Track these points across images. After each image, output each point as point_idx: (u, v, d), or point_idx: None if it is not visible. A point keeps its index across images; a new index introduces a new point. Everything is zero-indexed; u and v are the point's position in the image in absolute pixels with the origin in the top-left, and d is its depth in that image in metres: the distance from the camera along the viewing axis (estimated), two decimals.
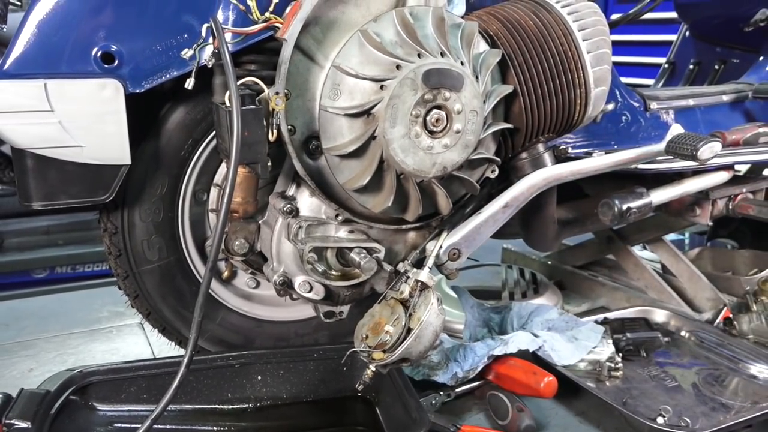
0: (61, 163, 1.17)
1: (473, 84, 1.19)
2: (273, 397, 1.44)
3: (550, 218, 1.57)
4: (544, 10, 1.36)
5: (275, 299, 1.53)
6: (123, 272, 1.42)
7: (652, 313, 1.87)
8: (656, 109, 1.74)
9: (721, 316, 1.86)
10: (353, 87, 1.15)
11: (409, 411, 1.26)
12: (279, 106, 1.13)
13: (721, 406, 1.46)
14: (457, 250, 1.34)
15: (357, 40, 1.15)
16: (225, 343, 1.55)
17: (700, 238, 2.86)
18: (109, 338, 1.99)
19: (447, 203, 1.30)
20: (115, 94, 1.16)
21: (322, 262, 1.31)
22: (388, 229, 1.36)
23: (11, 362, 1.83)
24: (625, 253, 2.16)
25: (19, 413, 1.14)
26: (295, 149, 1.20)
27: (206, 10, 1.20)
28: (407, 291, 1.21)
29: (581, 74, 1.34)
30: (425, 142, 1.18)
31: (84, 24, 1.15)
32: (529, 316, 1.76)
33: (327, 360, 1.45)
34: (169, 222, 1.41)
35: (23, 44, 1.12)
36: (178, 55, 1.19)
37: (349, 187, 1.23)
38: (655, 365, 1.64)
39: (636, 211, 1.55)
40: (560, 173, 1.41)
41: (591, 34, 1.35)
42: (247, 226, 1.36)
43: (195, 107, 1.35)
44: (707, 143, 1.37)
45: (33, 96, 1.11)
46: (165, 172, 1.37)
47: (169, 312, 1.47)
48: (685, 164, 1.58)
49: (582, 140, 1.59)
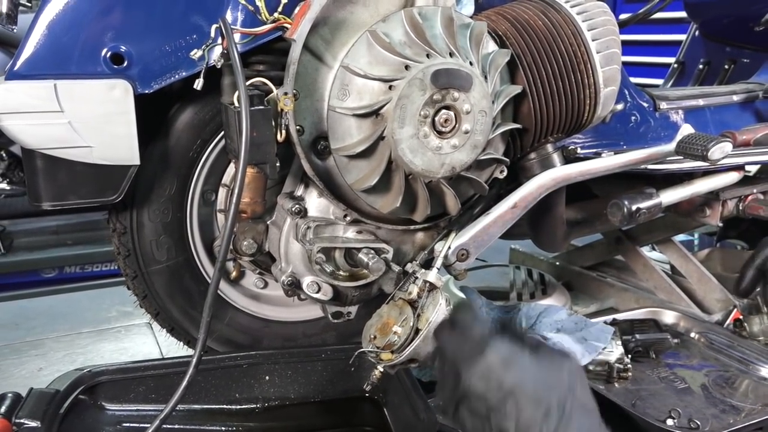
0: (70, 164, 1.17)
1: (482, 84, 1.18)
2: (281, 397, 1.44)
3: (559, 219, 1.56)
4: (553, 10, 1.36)
5: (283, 299, 1.53)
6: (132, 272, 1.43)
7: (661, 314, 1.86)
8: (666, 109, 1.73)
9: (731, 317, 1.85)
10: (362, 87, 1.15)
11: (417, 412, 1.26)
12: (288, 106, 1.13)
13: (731, 408, 1.45)
14: (466, 250, 1.33)
15: (366, 40, 1.15)
16: (233, 344, 1.55)
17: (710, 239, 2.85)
18: (117, 338, 1.99)
19: (455, 204, 1.29)
20: (125, 95, 1.16)
21: (331, 263, 1.31)
22: (396, 229, 1.36)
23: (21, 362, 1.84)
24: (634, 253, 2.15)
25: (28, 412, 1.14)
26: (304, 150, 1.20)
27: (215, 10, 1.20)
28: (415, 291, 1.21)
29: (590, 74, 1.34)
30: (434, 142, 1.18)
31: (93, 25, 1.15)
32: (538, 317, 1.75)
33: (335, 360, 1.45)
34: (177, 222, 1.42)
35: (33, 45, 1.13)
36: (187, 56, 1.19)
37: (358, 188, 1.23)
38: (665, 367, 1.63)
39: (645, 212, 1.54)
40: (569, 174, 1.40)
41: (600, 34, 1.34)
42: (256, 227, 1.36)
43: (204, 108, 1.35)
44: (718, 143, 1.36)
45: (43, 97, 1.12)
46: (174, 172, 1.38)
47: (178, 312, 1.48)
48: (695, 165, 1.58)
49: (591, 140, 1.58)
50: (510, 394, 0.89)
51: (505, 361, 0.93)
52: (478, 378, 0.92)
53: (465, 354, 0.95)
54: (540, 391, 0.89)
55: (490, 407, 0.89)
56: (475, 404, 0.91)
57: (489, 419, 0.89)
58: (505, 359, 0.93)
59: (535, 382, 0.90)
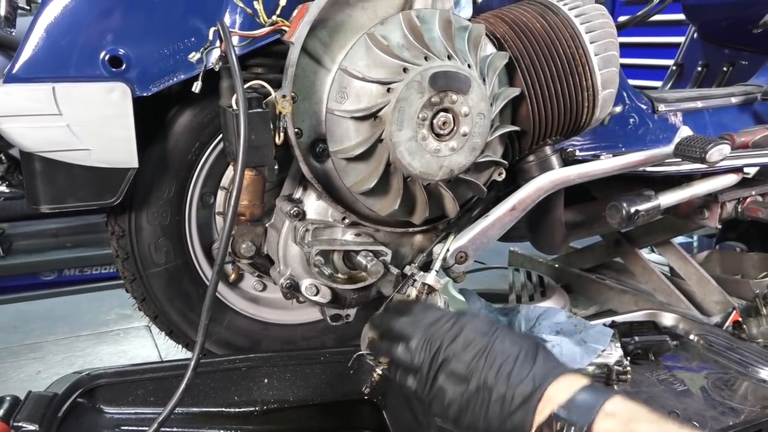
0: (69, 167, 1.17)
1: (480, 87, 1.19)
2: (280, 400, 1.43)
3: (558, 221, 1.56)
4: (551, 13, 1.36)
5: (282, 302, 1.53)
6: (130, 275, 1.43)
7: (660, 316, 1.86)
8: (664, 111, 1.73)
9: (731, 319, 1.85)
10: (360, 90, 1.15)
11: (416, 414, 1.26)
12: (286, 109, 1.13)
13: (731, 410, 1.45)
14: (464, 253, 1.33)
15: (364, 43, 1.15)
16: (232, 346, 1.55)
17: (709, 241, 2.85)
18: (116, 341, 1.99)
19: (454, 206, 1.29)
20: (123, 98, 1.16)
21: (329, 265, 1.31)
22: (394, 232, 1.36)
23: (19, 365, 1.83)
24: (633, 255, 2.15)
25: (26, 416, 1.14)
26: (302, 152, 1.20)
27: (213, 13, 1.20)
28: (414, 294, 1.21)
29: (589, 77, 1.34)
30: (432, 145, 1.18)
31: (92, 28, 1.15)
32: (537, 319, 1.75)
33: (334, 363, 1.45)
34: (176, 225, 1.42)
35: (32, 48, 1.12)
36: (186, 59, 1.19)
37: (356, 190, 1.23)
38: (664, 369, 1.63)
39: (644, 214, 1.54)
40: (568, 176, 1.40)
41: (599, 37, 1.34)
42: (254, 229, 1.36)
43: (202, 110, 1.35)
44: (716, 146, 1.37)
45: (41, 100, 1.11)
46: (172, 175, 1.38)
47: (176, 315, 1.47)
48: (694, 167, 1.58)
49: (590, 143, 1.58)
50: (487, 349, 0.96)
51: (477, 325, 1.00)
52: (457, 341, 0.98)
53: (437, 322, 1.01)
54: (516, 340, 0.98)
55: (469, 365, 0.95)
56: (455, 366, 0.96)
57: (468, 378, 0.95)
58: (477, 324, 1.00)
59: (509, 337, 0.99)
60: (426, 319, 1.03)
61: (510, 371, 0.93)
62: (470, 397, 0.94)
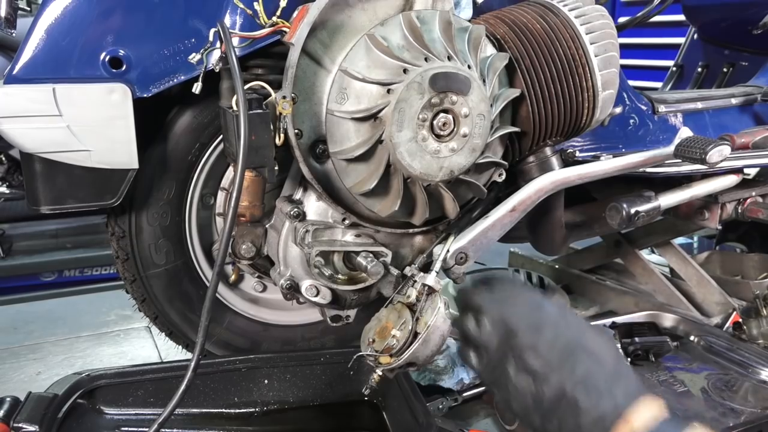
0: (69, 168, 1.17)
1: (480, 88, 1.19)
2: (280, 401, 1.43)
3: (558, 222, 1.56)
4: (551, 14, 1.36)
5: (282, 303, 1.53)
6: (130, 276, 1.43)
7: (660, 317, 1.86)
8: (664, 112, 1.73)
9: (731, 320, 1.85)
10: (360, 91, 1.15)
11: (416, 415, 1.26)
12: (286, 110, 1.13)
13: (731, 411, 1.45)
14: (465, 254, 1.33)
15: (364, 44, 1.15)
16: (232, 347, 1.55)
17: (709, 242, 2.85)
18: (116, 342, 1.99)
19: (454, 207, 1.29)
20: (123, 99, 1.16)
21: (329, 266, 1.31)
22: (395, 233, 1.36)
23: (19, 365, 1.83)
24: (633, 256, 2.15)
25: (27, 417, 1.14)
26: (302, 153, 1.20)
27: (213, 14, 1.21)
28: (414, 295, 1.20)
29: (589, 77, 1.34)
30: (432, 146, 1.18)
31: (92, 29, 1.15)
32: None
33: (334, 364, 1.45)
34: (176, 226, 1.42)
35: (32, 49, 1.13)
36: (186, 60, 1.19)
37: (356, 191, 1.23)
38: (664, 370, 1.63)
39: (644, 215, 1.54)
40: (568, 177, 1.40)
41: (599, 38, 1.34)
42: (254, 230, 1.36)
43: (202, 111, 1.36)
44: (716, 146, 1.36)
45: (42, 100, 1.12)
46: (172, 176, 1.38)
47: (176, 316, 1.47)
48: (694, 168, 1.58)
49: (590, 144, 1.58)
50: (572, 349, 0.88)
51: (559, 317, 0.92)
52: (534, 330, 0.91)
53: (518, 308, 0.94)
54: (600, 344, 0.89)
55: (547, 362, 0.88)
56: (528, 358, 0.89)
57: (543, 376, 0.88)
58: (559, 315, 0.93)
59: (593, 339, 0.90)
60: (507, 296, 0.97)
61: (594, 383, 0.86)
62: (542, 397, 0.88)
